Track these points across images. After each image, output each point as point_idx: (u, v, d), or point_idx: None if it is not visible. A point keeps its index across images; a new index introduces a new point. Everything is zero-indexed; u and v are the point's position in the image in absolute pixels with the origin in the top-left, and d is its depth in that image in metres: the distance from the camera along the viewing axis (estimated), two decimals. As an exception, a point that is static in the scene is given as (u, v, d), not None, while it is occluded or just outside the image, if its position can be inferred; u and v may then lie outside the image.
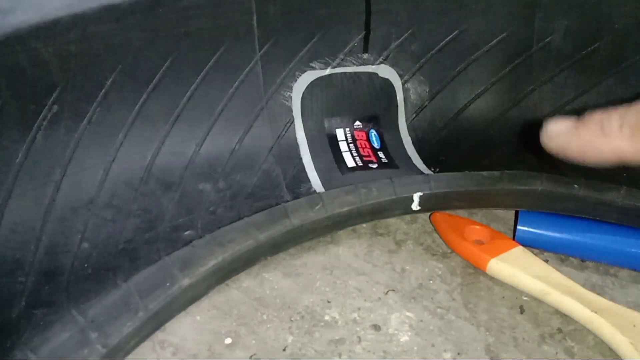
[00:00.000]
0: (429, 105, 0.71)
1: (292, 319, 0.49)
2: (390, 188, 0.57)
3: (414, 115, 0.71)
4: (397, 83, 0.70)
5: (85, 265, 0.50)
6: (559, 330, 0.49)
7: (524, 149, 0.68)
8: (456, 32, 0.68)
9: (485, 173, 0.59)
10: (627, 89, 0.65)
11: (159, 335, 0.47)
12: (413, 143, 0.69)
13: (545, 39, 0.68)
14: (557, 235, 0.57)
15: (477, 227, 0.58)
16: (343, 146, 0.67)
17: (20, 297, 0.46)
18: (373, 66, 0.68)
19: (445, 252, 0.57)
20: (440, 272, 0.55)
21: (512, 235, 0.58)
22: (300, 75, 0.65)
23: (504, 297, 0.52)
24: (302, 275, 0.54)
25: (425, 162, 0.67)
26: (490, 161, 0.66)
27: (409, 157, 0.68)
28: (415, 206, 0.58)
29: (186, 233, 0.54)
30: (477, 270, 0.55)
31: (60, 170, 0.53)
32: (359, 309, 0.51)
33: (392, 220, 0.61)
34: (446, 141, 0.70)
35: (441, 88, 0.71)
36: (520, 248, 0.55)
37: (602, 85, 0.66)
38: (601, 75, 0.66)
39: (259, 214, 0.54)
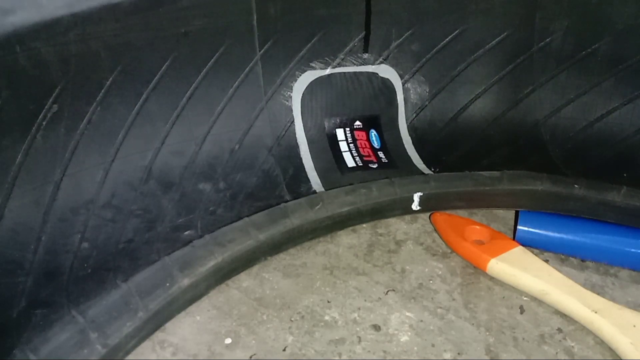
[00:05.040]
0: (429, 105, 0.71)
1: (292, 319, 0.49)
2: (390, 188, 0.58)
3: (414, 115, 0.71)
4: (397, 83, 0.70)
5: (85, 265, 0.50)
6: (559, 330, 0.49)
7: (524, 149, 0.68)
8: (456, 32, 0.68)
9: (485, 173, 0.59)
10: (627, 89, 0.65)
11: (159, 335, 0.47)
12: (413, 143, 0.69)
13: (545, 39, 0.68)
14: (557, 235, 0.57)
15: (477, 227, 0.58)
16: (343, 146, 0.67)
17: (20, 297, 0.46)
18: (373, 66, 0.68)
19: (445, 252, 0.57)
20: (440, 272, 0.55)
21: (512, 235, 0.58)
22: (301, 75, 0.66)
23: (504, 297, 0.52)
24: (302, 275, 0.54)
25: (425, 162, 0.67)
26: (490, 161, 0.66)
27: (409, 157, 0.68)
28: (415, 206, 0.58)
29: (186, 233, 0.54)
30: (477, 270, 0.55)
31: (60, 170, 0.53)
32: (359, 309, 0.51)
33: (392, 220, 0.61)
34: (446, 141, 0.70)
35: (441, 88, 0.71)
36: (520, 248, 0.55)
37: (602, 85, 0.66)
38: (601, 75, 0.66)
39: (259, 214, 0.54)
